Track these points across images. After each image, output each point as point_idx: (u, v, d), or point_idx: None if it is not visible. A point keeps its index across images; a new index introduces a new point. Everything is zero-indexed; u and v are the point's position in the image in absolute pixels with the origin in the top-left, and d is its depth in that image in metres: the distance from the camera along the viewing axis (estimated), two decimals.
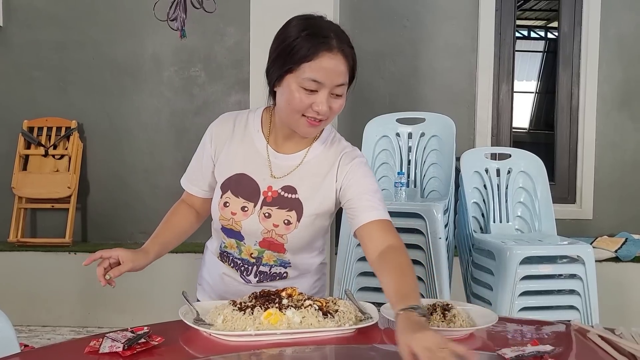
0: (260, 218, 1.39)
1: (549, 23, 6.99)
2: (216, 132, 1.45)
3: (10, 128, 3.96)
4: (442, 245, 2.48)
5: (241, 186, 1.40)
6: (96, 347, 1.13)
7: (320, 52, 1.26)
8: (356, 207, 1.35)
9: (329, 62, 1.27)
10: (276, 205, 1.38)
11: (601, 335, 1.22)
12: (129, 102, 4.00)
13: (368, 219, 1.33)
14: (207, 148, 1.45)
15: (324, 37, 1.28)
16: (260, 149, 1.42)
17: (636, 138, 3.92)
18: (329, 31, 1.30)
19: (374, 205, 1.34)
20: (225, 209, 1.40)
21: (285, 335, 1.18)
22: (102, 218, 4.00)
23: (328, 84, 1.28)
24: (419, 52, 3.92)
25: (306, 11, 1.46)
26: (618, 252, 3.46)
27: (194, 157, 1.51)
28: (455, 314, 1.27)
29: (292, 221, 1.38)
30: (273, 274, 1.46)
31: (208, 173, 1.47)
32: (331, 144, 1.43)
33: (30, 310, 3.63)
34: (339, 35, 1.30)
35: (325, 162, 1.40)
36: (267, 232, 1.39)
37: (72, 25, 3.96)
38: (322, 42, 1.27)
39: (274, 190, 1.38)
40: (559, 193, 3.85)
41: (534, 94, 7.03)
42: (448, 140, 2.77)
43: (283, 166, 1.40)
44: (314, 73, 1.27)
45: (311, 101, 1.29)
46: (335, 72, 1.28)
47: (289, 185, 1.39)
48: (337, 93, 1.30)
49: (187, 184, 1.53)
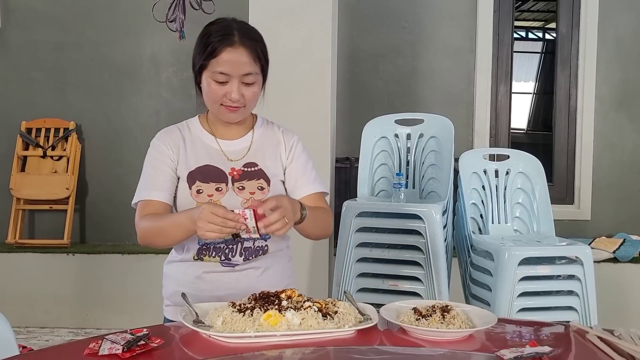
0: (235, 192, 1.52)
1: (547, 24, 7.01)
2: (167, 139, 1.56)
3: (8, 129, 3.95)
4: (440, 246, 2.48)
5: (207, 174, 1.53)
6: (95, 349, 1.13)
7: (223, 48, 1.45)
8: (297, 182, 1.59)
9: (231, 55, 1.45)
10: (245, 178, 1.54)
11: (600, 336, 1.22)
12: (128, 103, 3.99)
13: (307, 192, 1.58)
14: (164, 152, 1.54)
15: (226, 34, 1.46)
16: (210, 143, 1.57)
17: (634, 139, 3.93)
18: (232, 29, 1.47)
19: (309, 180, 1.59)
20: (200, 195, 1.51)
21: (285, 337, 1.18)
22: (101, 219, 4.00)
23: (235, 75, 1.46)
24: (418, 53, 3.92)
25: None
26: (616, 252, 3.47)
27: (147, 170, 1.54)
28: (454, 315, 1.27)
29: (264, 186, 1.54)
30: (257, 248, 1.54)
31: (168, 176, 1.53)
32: (267, 126, 1.64)
33: (28, 311, 3.63)
34: (241, 31, 1.48)
35: (271, 138, 1.62)
36: (246, 201, 1.51)
37: (70, 26, 3.96)
38: (224, 39, 1.45)
39: (237, 170, 1.54)
40: (557, 194, 3.86)
41: (532, 95, 7.04)
42: (446, 141, 2.77)
43: (236, 150, 1.57)
44: (220, 66, 1.45)
45: (224, 91, 1.47)
46: (239, 63, 1.45)
47: (249, 162, 1.56)
48: (246, 82, 1.48)
49: (149, 193, 1.51)
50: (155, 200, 1.51)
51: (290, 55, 3.03)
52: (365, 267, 2.63)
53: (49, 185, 3.85)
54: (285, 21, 3.02)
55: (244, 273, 1.53)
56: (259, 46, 1.49)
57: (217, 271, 1.52)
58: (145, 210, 1.50)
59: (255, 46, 1.48)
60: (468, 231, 2.69)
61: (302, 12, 3.01)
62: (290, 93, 3.03)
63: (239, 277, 1.52)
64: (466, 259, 2.72)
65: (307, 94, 3.04)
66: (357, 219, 2.60)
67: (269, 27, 3.10)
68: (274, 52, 3.44)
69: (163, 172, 1.53)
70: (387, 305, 1.35)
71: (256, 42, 1.49)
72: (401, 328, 1.27)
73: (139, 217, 1.51)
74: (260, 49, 1.49)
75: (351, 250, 2.61)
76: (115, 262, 3.64)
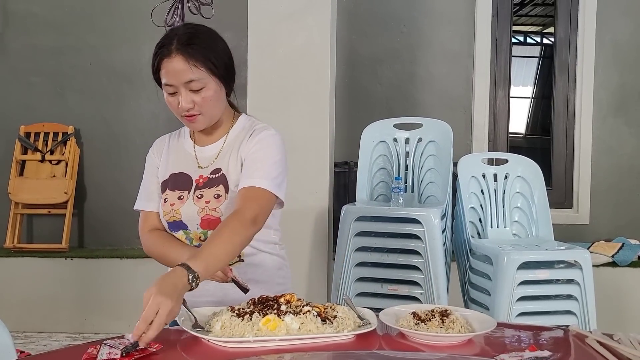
0: (194, 201, 1.51)
1: (545, 29, 7.03)
2: (156, 148, 1.62)
3: (7, 133, 3.95)
4: (439, 250, 2.48)
5: (176, 182, 1.55)
6: (94, 354, 1.12)
7: (162, 61, 1.45)
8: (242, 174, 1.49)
9: (169, 65, 1.44)
10: (206, 186, 1.52)
11: (599, 340, 1.22)
12: (126, 107, 3.99)
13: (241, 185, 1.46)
14: (153, 161, 1.61)
15: (163, 45, 1.45)
16: (188, 149, 1.59)
17: (632, 143, 3.93)
18: (172, 38, 1.44)
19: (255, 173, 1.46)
20: (165, 203, 1.54)
21: (284, 342, 1.18)
22: (99, 224, 3.99)
23: (178, 83, 1.44)
24: (416, 58, 3.93)
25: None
26: (615, 257, 3.47)
27: (145, 178, 1.62)
28: (453, 320, 1.27)
29: (221, 194, 1.50)
30: None
31: (158, 185, 1.59)
32: (245, 127, 1.58)
33: (26, 316, 3.62)
34: (181, 38, 1.44)
35: (240, 139, 1.55)
36: (201, 210, 1.50)
37: (69, 31, 3.96)
38: (161, 51, 1.45)
39: (204, 177, 1.53)
40: (555, 198, 3.86)
41: (530, 99, 7.06)
42: (445, 145, 2.78)
43: (208, 156, 1.56)
44: (164, 79, 1.46)
45: (177, 101, 1.46)
46: (178, 72, 1.43)
47: (215, 168, 1.54)
48: (193, 89, 1.44)
49: (144, 203, 1.59)
50: (152, 212, 1.58)
51: (289, 59, 3.03)
52: (364, 271, 2.62)
53: (48, 190, 3.84)
54: (284, 26, 3.02)
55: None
56: (200, 49, 1.43)
57: None
58: (147, 222, 1.58)
59: (192, 51, 1.42)
60: (467, 235, 2.69)
61: (301, 17, 3.02)
62: (289, 97, 3.04)
63: (222, 285, 1.48)
64: (465, 263, 2.72)
65: (306, 99, 3.05)
66: (356, 223, 2.60)
67: (268, 32, 3.13)
68: (273, 57, 3.45)
69: (154, 182, 1.60)
70: (386, 309, 1.35)
71: (195, 46, 1.42)
72: (400, 332, 1.27)
73: (144, 229, 1.57)
74: (201, 52, 1.42)
75: (350, 255, 2.61)
76: (114, 266, 3.64)
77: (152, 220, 1.57)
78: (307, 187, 3.03)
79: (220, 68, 1.47)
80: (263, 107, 2.99)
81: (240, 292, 1.46)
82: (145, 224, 1.58)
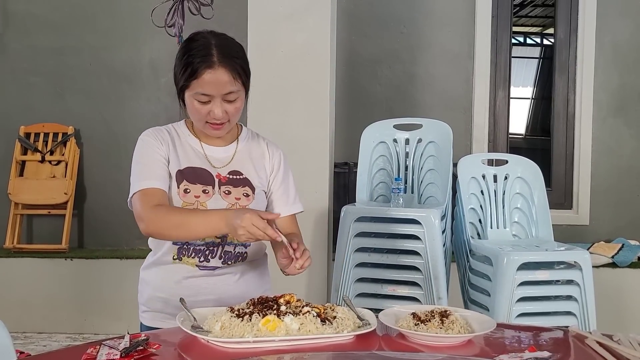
0: (222, 196, 1.53)
1: (544, 29, 7.03)
2: (157, 135, 1.57)
3: (6, 134, 3.95)
4: (439, 251, 2.48)
5: (195, 175, 1.54)
6: (93, 354, 1.12)
7: (203, 70, 1.44)
8: (277, 200, 1.62)
9: (211, 76, 1.44)
10: (231, 184, 1.55)
11: (599, 341, 1.22)
12: (126, 108, 3.99)
13: (285, 213, 1.60)
14: (155, 145, 1.54)
15: (205, 55, 1.45)
16: (196, 147, 1.58)
17: (632, 144, 3.93)
18: (211, 48, 1.46)
19: (289, 200, 1.62)
20: (187, 195, 1.51)
21: (284, 342, 1.18)
22: (99, 224, 3.99)
23: (217, 94, 1.46)
24: (416, 59, 3.93)
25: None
26: (615, 257, 3.47)
27: (141, 160, 1.52)
28: (453, 321, 1.27)
29: (249, 194, 1.56)
30: (237, 254, 1.55)
31: (164, 167, 1.52)
32: (252, 138, 1.65)
33: (26, 316, 3.62)
34: (220, 49, 1.47)
35: (256, 149, 1.63)
36: (231, 206, 1.52)
37: (69, 32, 3.97)
38: (204, 60, 1.45)
39: (223, 176, 1.56)
40: (555, 199, 3.86)
41: (530, 100, 7.06)
42: (445, 146, 2.78)
43: (220, 158, 1.58)
44: (201, 88, 1.45)
45: (207, 110, 1.48)
46: (220, 84, 1.45)
47: (234, 169, 1.57)
48: (229, 99, 1.48)
49: (152, 182, 1.48)
50: (158, 189, 1.47)
51: (289, 60, 3.03)
52: (364, 272, 2.62)
53: (48, 190, 3.84)
54: (284, 27, 3.02)
55: (221, 278, 1.54)
56: (239, 63, 1.48)
57: (195, 276, 1.53)
58: (150, 198, 1.45)
59: (234, 65, 1.46)
60: (467, 236, 2.69)
61: (301, 18, 3.02)
62: (289, 98, 3.04)
63: (217, 282, 1.54)
64: (465, 263, 2.72)
65: (306, 99, 3.05)
66: (355, 223, 2.60)
67: (268, 33, 3.13)
68: (273, 58, 3.45)
69: (158, 162, 1.51)
70: (386, 310, 1.35)
71: (235, 60, 1.47)
72: (400, 333, 1.27)
73: (146, 206, 1.44)
74: (240, 65, 1.49)
75: (350, 255, 2.61)
76: (114, 267, 3.64)
77: (158, 196, 1.46)
78: (307, 188, 3.03)
79: (247, 82, 1.53)
80: (263, 108, 2.99)
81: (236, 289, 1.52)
82: (149, 199, 1.45)
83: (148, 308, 1.58)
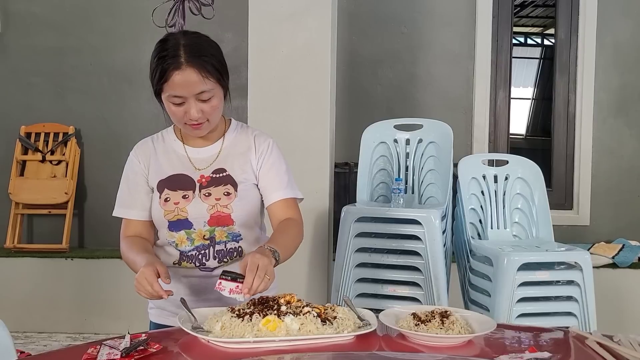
0: (202, 199, 1.53)
1: (545, 30, 7.03)
2: (140, 152, 1.61)
3: (7, 134, 3.95)
4: (439, 251, 2.48)
5: (176, 182, 1.55)
6: (94, 354, 1.12)
7: (171, 72, 1.43)
8: (267, 186, 1.57)
9: (180, 77, 1.43)
10: (212, 185, 1.54)
11: (599, 342, 1.22)
12: (127, 108, 4.00)
13: (276, 198, 1.57)
14: (137, 166, 1.59)
15: (172, 56, 1.43)
16: (179, 150, 1.59)
17: (632, 144, 3.93)
18: (178, 49, 1.44)
19: (281, 185, 1.58)
20: (167, 203, 1.53)
21: (284, 342, 1.18)
22: (99, 224, 3.99)
23: (188, 95, 1.44)
24: (417, 59, 3.93)
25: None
26: (615, 258, 3.47)
27: (122, 185, 1.62)
28: (453, 321, 1.27)
29: (230, 192, 1.53)
30: (230, 250, 1.55)
31: (142, 191, 1.58)
32: (240, 131, 1.63)
33: (26, 316, 3.62)
34: (188, 49, 1.44)
35: (242, 143, 1.60)
36: (211, 207, 1.52)
37: (70, 32, 3.97)
38: (171, 62, 1.43)
39: (206, 176, 1.55)
40: (556, 199, 3.86)
41: (531, 101, 7.05)
42: (445, 146, 2.78)
43: (204, 158, 1.58)
44: (173, 90, 1.44)
45: (183, 111, 1.47)
46: (190, 84, 1.43)
47: (217, 168, 1.56)
48: (202, 99, 1.46)
49: (126, 211, 1.60)
50: (133, 220, 1.59)
51: (290, 60, 3.03)
52: (364, 272, 2.62)
53: (48, 190, 3.84)
54: (284, 27, 3.03)
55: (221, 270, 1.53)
56: (210, 60, 1.45)
57: (195, 276, 1.55)
58: (126, 230, 1.59)
59: (203, 63, 1.44)
60: (467, 236, 2.69)
61: (302, 18, 3.02)
62: (290, 98, 3.04)
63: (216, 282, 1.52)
64: (465, 264, 2.72)
65: (307, 99, 3.05)
66: (356, 224, 2.60)
67: (268, 33, 3.13)
68: (273, 58, 3.45)
69: (136, 188, 1.59)
70: (386, 310, 1.35)
71: (204, 58, 1.44)
72: (400, 333, 1.27)
73: (122, 235, 1.59)
74: (212, 63, 1.46)
75: (350, 256, 2.61)
76: (114, 266, 3.63)
77: (132, 228, 1.58)
78: (307, 188, 3.00)
79: (225, 77, 1.50)
80: (263, 108, 2.99)
81: None
82: (124, 230, 1.59)
83: (154, 305, 1.61)
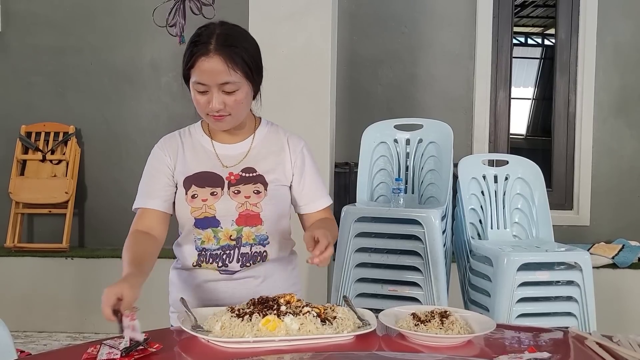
0: (230, 196, 1.49)
1: (546, 30, 7.03)
2: (167, 146, 1.56)
3: (7, 133, 3.95)
4: (439, 251, 2.48)
5: (204, 179, 1.51)
6: (94, 354, 1.12)
7: (198, 57, 1.41)
8: (308, 194, 1.57)
9: (206, 64, 1.40)
10: (241, 183, 1.51)
11: (599, 342, 1.22)
12: (127, 107, 4.00)
13: (319, 207, 1.59)
14: (163, 159, 1.54)
15: (202, 43, 1.41)
16: (207, 146, 1.55)
17: (633, 145, 3.93)
18: (210, 36, 1.42)
19: (322, 193, 1.60)
20: (195, 199, 1.49)
21: (284, 342, 1.18)
22: (100, 223, 4.00)
23: (212, 84, 1.41)
24: (417, 59, 3.93)
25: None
26: (615, 258, 3.47)
27: (145, 177, 1.55)
28: (453, 321, 1.27)
29: (261, 190, 1.51)
30: (254, 254, 1.51)
31: (165, 183, 1.52)
32: (271, 130, 1.60)
33: (26, 315, 3.62)
34: (220, 37, 1.42)
35: (274, 142, 1.58)
36: (241, 205, 1.49)
37: (70, 31, 3.97)
38: (200, 48, 1.41)
39: (235, 174, 1.52)
40: (556, 199, 3.86)
41: (531, 101, 7.05)
42: (446, 146, 2.78)
43: (233, 155, 1.54)
44: (197, 77, 1.42)
45: (207, 101, 1.43)
46: (214, 73, 1.40)
47: (247, 166, 1.53)
48: (226, 90, 1.42)
49: (145, 200, 1.51)
50: (150, 209, 1.51)
51: (290, 60, 3.03)
52: (364, 272, 2.62)
53: (48, 189, 3.85)
54: (285, 27, 3.03)
55: (241, 282, 1.51)
56: (240, 52, 1.42)
57: (215, 280, 1.52)
58: (139, 220, 1.51)
59: (232, 54, 1.40)
60: (467, 236, 2.69)
61: (302, 18, 3.02)
62: (290, 98, 3.04)
63: (237, 286, 1.51)
64: (465, 264, 2.72)
65: (307, 99, 3.05)
66: (356, 224, 2.60)
67: (269, 33, 3.13)
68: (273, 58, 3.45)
69: (159, 179, 1.52)
70: (386, 310, 1.35)
71: (235, 49, 1.41)
72: (400, 333, 1.27)
73: (131, 228, 1.50)
74: (242, 55, 1.42)
75: (350, 256, 2.61)
76: (114, 266, 3.60)
77: (147, 217, 1.50)
78: None
79: (255, 72, 1.46)
80: (263, 108, 2.98)
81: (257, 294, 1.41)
82: (136, 222, 1.50)
83: (175, 309, 1.58)
